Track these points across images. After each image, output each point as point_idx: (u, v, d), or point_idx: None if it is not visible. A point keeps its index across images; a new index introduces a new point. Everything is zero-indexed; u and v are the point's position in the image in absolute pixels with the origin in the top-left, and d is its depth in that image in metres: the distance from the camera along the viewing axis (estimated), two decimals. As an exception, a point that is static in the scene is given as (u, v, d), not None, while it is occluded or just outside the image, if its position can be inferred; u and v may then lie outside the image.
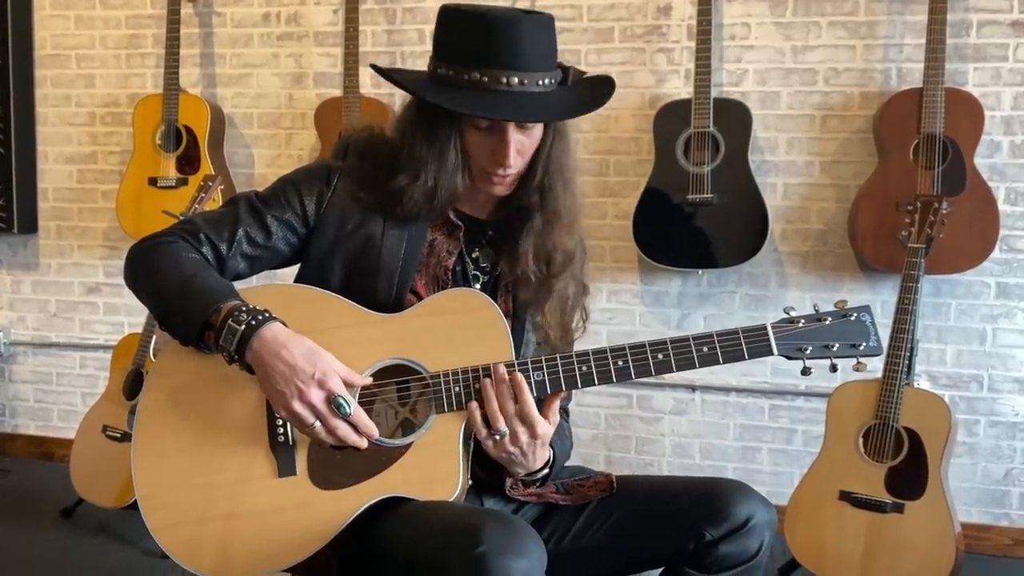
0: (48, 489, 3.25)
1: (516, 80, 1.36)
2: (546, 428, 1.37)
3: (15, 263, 3.65)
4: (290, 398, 1.30)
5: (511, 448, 1.37)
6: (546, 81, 1.39)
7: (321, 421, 1.31)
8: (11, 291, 3.66)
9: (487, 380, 1.36)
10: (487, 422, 1.36)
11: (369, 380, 1.38)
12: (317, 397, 1.30)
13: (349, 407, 1.31)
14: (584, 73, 1.49)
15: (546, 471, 1.47)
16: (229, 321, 1.31)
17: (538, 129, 1.44)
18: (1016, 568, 2.86)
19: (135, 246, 1.47)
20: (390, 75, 1.45)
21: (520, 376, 1.35)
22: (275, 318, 1.34)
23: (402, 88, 1.44)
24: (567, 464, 1.61)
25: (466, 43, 1.37)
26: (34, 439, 3.68)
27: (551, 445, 1.45)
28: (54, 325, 3.63)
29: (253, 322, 1.31)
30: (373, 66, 1.56)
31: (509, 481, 1.47)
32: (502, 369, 1.36)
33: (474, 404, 1.36)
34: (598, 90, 1.46)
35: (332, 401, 1.31)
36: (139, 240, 1.48)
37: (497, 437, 1.36)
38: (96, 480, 2.91)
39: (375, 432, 1.34)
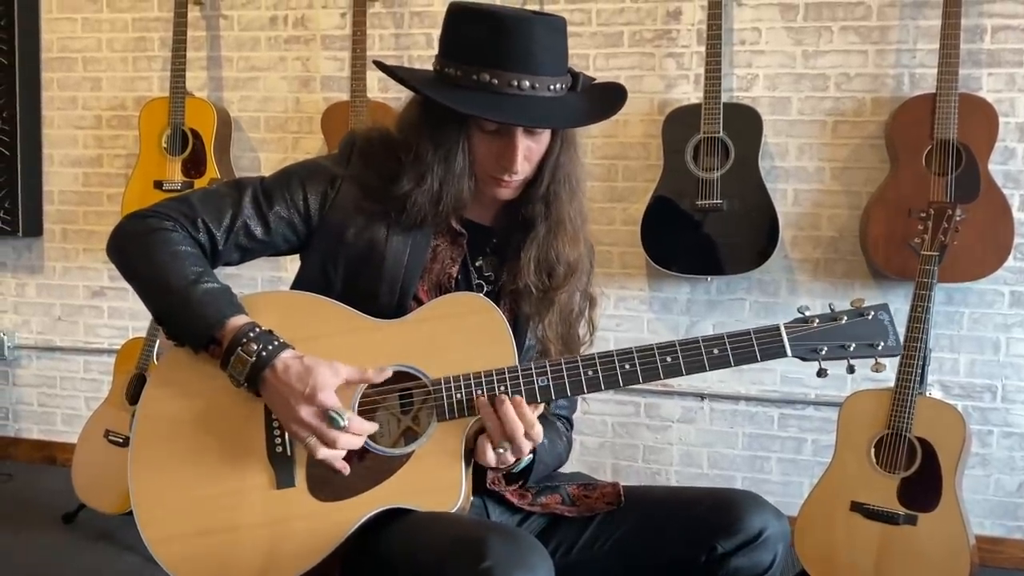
0: (50, 494, 3.23)
1: (527, 84, 1.33)
2: (541, 430, 1.35)
3: (20, 266, 3.63)
4: (286, 419, 1.30)
5: (511, 459, 1.35)
6: (557, 86, 1.36)
7: (317, 436, 1.28)
8: (16, 294, 3.64)
9: (488, 408, 1.31)
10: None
11: (381, 372, 1.33)
12: (307, 413, 1.28)
13: (342, 419, 1.27)
14: (593, 79, 1.46)
15: (529, 457, 1.40)
16: (238, 350, 1.29)
17: (546, 135, 1.40)
18: (1030, 581, 2.81)
19: (128, 223, 1.40)
20: (395, 72, 1.42)
21: (519, 398, 1.32)
22: (283, 344, 1.31)
23: (408, 87, 1.41)
24: (571, 471, 1.58)
25: (476, 43, 1.34)
26: (37, 443, 3.66)
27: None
28: (58, 329, 3.61)
29: (264, 352, 1.29)
30: (377, 62, 1.53)
31: (491, 475, 1.44)
32: (508, 403, 1.31)
33: (483, 438, 1.33)
34: (610, 97, 1.43)
35: (325, 415, 1.28)
36: (132, 214, 1.41)
37: (500, 451, 1.33)
38: (98, 485, 2.88)
39: (372, 428, 1.32)
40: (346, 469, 1.31)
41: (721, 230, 2.86)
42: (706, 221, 2.86)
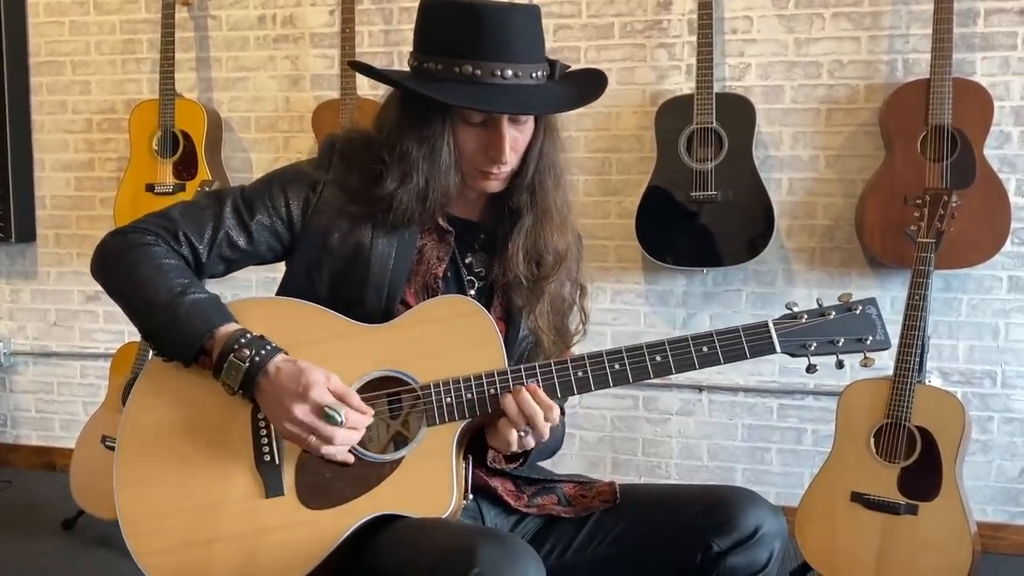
0: (49, 500, 3.22)
1: (510, 72, 1.32)
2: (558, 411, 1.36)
3: (14, 272, 3.62)
4: (281, 420, 1.28)
5: (532, 443, 1.36)
6: (538, 74, 1.36)
7: (314, 435, 1.27)
8: (10, 301, 3.63)
9: (509, 401, 1.32)
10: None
11: (364, 404, 1.33)
12: (301, 411, 1.26)
13: (339, 414, 1.26)
14: (568, 67, 1.45)
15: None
16: (231, 356, 1.28)
17: (530, 124, 1.40)
18: (1033, 567, 2.80)
19: (110, 240, 1.39)
20: (375, 71, 1.40)
21: (534, 385, 1.32)
22: (276, 349, 1.30)
23: (391, 84, 1.40)
24: (568, 471, 1.57)
25: (455, 35, 1.33)
26: (36, 449, 3.65)
27: None
28: (54, 334, 3.60)
29: (257, 358, 1.28)
30: (351, 62, 1.52)
31: (491, 454, 1.43)
32: (524, 391, 1.32)
33: (503, 423, 1.33)
34: (592, 82, 1.43)
35: (321, 413, 1.27)
36: (114, 232, 1.41)
37: (522, 435, 1.34)
38: (95, 491, 2.87)
39: (369, 417, 1.32)
40: (351, 459, 1.30)
41: (716, 221, 2.84)
42: (701, 212, 2.84)
